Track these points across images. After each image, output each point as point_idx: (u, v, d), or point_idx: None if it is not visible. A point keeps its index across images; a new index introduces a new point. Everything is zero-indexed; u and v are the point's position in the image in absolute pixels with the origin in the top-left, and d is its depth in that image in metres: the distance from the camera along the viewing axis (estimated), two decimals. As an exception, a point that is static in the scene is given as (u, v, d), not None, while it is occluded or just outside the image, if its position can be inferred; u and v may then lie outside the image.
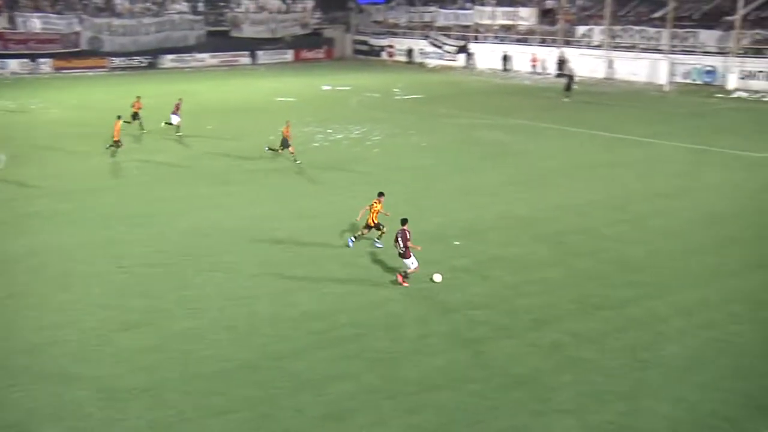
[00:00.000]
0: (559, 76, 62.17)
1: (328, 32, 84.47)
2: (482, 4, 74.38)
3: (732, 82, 52.92)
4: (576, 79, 51.67)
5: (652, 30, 59.86)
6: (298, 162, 28.60)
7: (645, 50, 59.73)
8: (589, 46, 63.77)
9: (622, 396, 12.32)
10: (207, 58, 71.18)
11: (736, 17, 53.80)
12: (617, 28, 62.05)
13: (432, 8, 77.89)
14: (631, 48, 60.80)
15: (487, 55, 70.35)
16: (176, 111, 33.93)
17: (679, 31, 57.78)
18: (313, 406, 12.14)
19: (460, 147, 32.48)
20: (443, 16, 76.52)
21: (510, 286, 16.98)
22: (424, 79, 62.45)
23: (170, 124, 34.09)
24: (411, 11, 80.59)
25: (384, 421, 11.81)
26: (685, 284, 17.11)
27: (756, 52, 53.22)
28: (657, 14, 61.15)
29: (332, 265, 18.21)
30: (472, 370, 13.19)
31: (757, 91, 50.85)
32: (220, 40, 72.40)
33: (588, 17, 66.44)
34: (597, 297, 16.34)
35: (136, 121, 34.25)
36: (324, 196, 24.41)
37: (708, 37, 56.27)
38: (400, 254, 17.11)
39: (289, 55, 79.67)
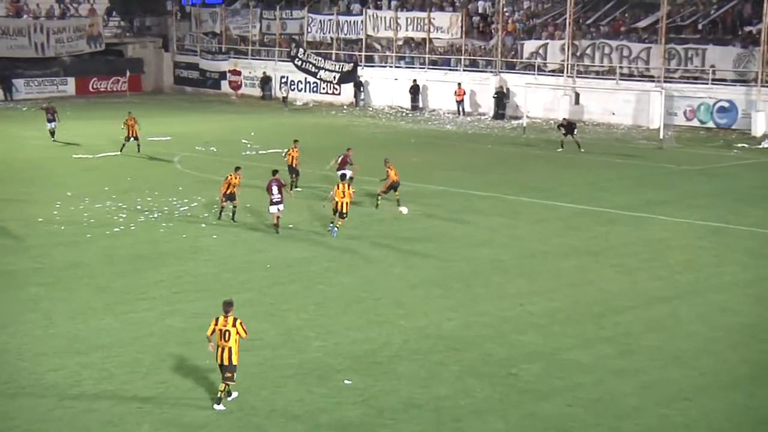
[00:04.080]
0: (498, 116, 64.37)
1: (135, 50, 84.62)
2: (378, 7, 76.22)
3: (760, 124, 56.09)
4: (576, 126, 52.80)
5: (637, 47, 62.88)
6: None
7: (628, 77, 62.60)
8: (543, 71, 66.37)
9: None
10: None
11: (762, 26, 57.26)
12: (585, 43, 64.98)
13: (300, 13, 79.10)
14: (606, 74, 63.60)
15: (386, 86, 72.12)
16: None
17: (678, 47, 60.99)
18: None
19: (344, 227, 32.85)
20: (318, 26, 78.07)
21: (429, 451, 16.98)
22: (289, 123, 63.22)
23: None
24: (267, 17, 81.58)
25: None
26: (702, 439, 17.58)
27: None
28: (643, 22, 64.37)
29: None
30: None
31: (797, 139, 54.06)
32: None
33: (540, 27, 69.37)
34: (569, 464, 16.54)
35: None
36: (120, 314, 24.38)
37: (721, 56, 59.57)
38: (275, 202, 31.44)
39: (69, 85, 79.14)
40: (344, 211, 31.88)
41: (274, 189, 31.66)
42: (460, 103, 67.33)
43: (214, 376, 20.15)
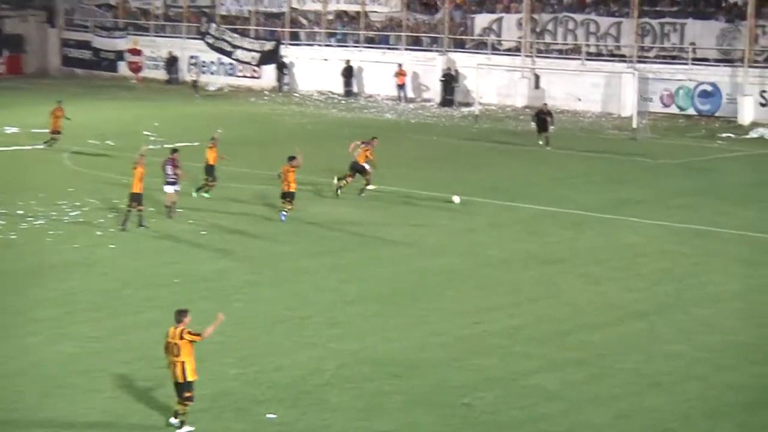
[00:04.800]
0: (446, 102, 64.51)
1: (13, 25, 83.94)
2: (305, -23, 76.26)
3: (747, 111, 56.91)
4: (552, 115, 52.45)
5: (605, 21, 63.44)
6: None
7: (595, 57, 63.07)
8: (497, 50, 66.61)
9: None
10: None
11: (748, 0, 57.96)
12: (545, 17, 65.33)
13: (212, -17, 79.12)
14: (570, 53, 63.98)
15: (314, 68, 72.17)
16: None
17: (653, 22, 61.62)
18: None
19: (269, 234, 32.95)
20: (233, -2, 77.94)
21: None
22: (200, 111, 63.08)
23: None
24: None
25: None
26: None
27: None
28: (612, -6, 64.95)
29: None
30: None
31: (789, 129, 54.78)
32: None
33: (494, 0, 69.65)
34: None
35: None
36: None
37: (702, 32, 60.19)
38: (170, 182, 34.08)
39: (-65, 68, 78.43)
40: (290, 190, 34.53)
41: (168, 168, 34.46)
42: (401, 87, 67.50)
43: (117, 412, 19.86)
